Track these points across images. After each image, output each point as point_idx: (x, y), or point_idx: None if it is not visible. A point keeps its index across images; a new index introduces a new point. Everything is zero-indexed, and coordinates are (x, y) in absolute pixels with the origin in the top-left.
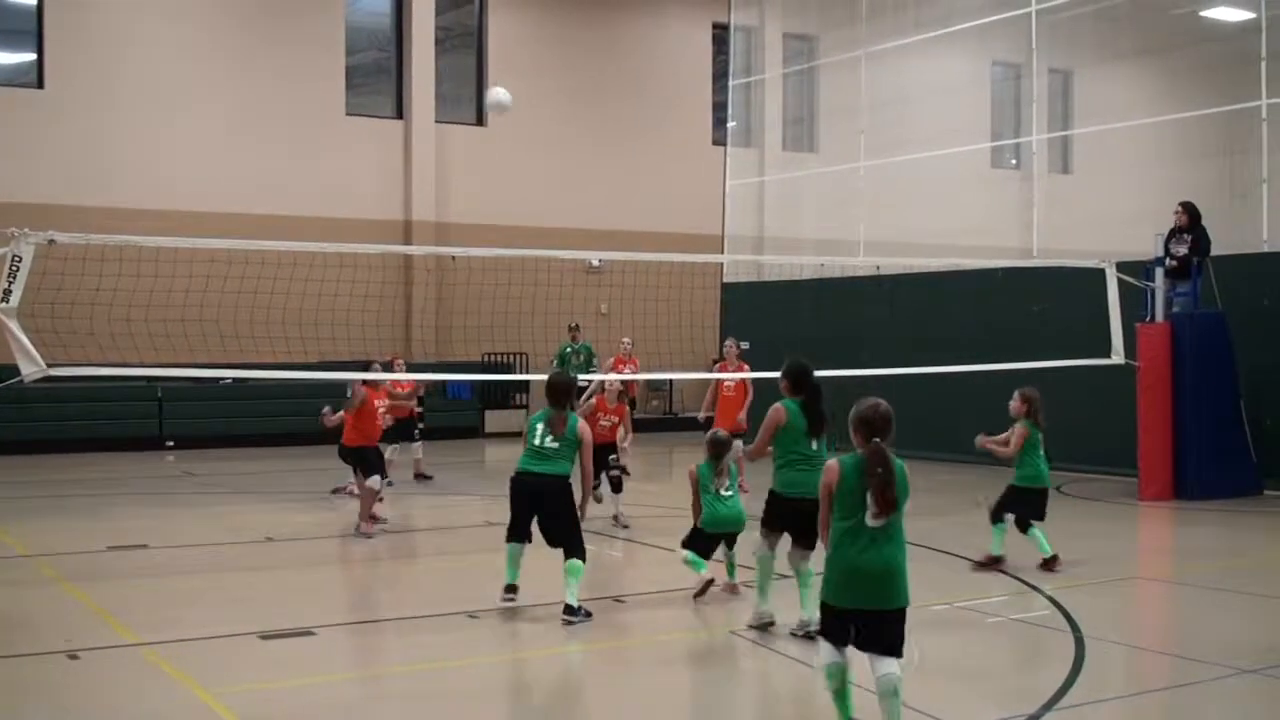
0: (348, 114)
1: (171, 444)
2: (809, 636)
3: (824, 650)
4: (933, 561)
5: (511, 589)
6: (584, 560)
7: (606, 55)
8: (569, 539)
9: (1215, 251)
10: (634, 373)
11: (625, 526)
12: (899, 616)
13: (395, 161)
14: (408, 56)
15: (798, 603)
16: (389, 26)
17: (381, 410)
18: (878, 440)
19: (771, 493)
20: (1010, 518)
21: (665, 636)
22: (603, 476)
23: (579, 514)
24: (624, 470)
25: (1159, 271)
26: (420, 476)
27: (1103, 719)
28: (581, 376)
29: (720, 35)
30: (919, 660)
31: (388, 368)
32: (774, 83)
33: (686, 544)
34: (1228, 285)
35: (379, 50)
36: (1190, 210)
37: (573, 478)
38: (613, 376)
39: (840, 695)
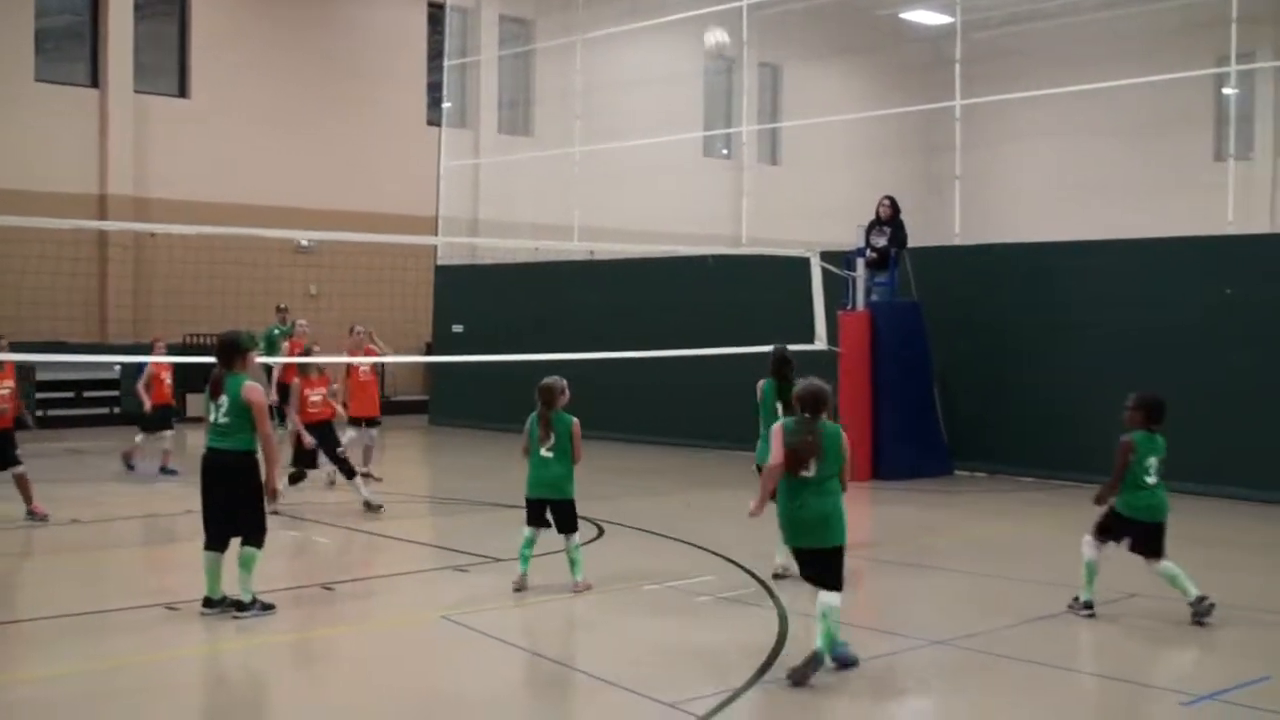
0: (37, 80)
1: None
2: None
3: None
4: (641, 541)
5: (210, 603)
6: (260, 548)
7: (317, 29)
8: (246, 523)
9: (912, 243)
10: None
11: (378, 508)
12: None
13: (90, 132)
14: (104, 21)
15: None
16: None
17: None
18: (808, 415)
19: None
20: None
21: (376, 625)
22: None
23: (267, 493)
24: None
25: (860, 261)
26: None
27: (806, 688)
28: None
29: (436, 14)
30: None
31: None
32: (490, 65)
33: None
34: (923, 276)
35: (73, 14)
36: (894, 204)
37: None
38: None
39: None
